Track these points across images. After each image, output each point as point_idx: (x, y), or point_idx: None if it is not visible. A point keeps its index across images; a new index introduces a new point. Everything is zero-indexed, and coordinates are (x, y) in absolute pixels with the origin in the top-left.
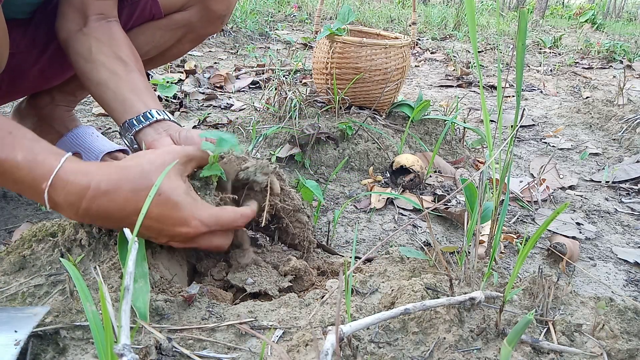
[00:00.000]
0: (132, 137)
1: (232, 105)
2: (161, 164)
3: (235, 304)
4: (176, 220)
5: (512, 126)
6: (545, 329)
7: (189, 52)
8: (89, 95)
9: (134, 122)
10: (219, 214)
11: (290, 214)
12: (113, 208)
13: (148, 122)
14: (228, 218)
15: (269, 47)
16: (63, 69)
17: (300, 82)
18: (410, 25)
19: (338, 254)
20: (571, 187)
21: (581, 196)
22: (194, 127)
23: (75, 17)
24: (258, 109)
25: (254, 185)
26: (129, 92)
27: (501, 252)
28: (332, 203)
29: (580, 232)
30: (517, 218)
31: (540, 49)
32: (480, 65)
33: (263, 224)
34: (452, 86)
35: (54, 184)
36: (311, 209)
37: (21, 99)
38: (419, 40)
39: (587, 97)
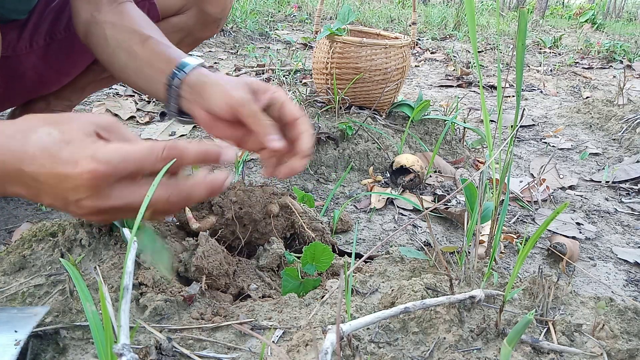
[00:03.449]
0: (179, 112)
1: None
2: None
3: (235, 304)
4: (67, 161)
5: (512, 126)
6: (545, 329)
7: (189, 53)
8: (87, 97)
9: (167, 104)
10: (124, 148)
11: (308, 226)
12: (9, 154)
13: (176, 89)
14: (141, 150)
15: (269, 47)
16: (61, 73)
17: (300, 82)
18: (410, 25)
19: (347, 253)
20: (571, 187)
21: (581, 196)
22: (194, 127)
23: (88, 9)
24: None
25: (273, 209)
26: (149, 68)
27: (501, 252)
28: (332, 203)
29: (580, 232)
30: (517, 218)
31: (540, 49)
32: (480, 65)
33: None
34: (452, 86)
35: None
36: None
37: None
38: (419, 40)
39: (587, 97)
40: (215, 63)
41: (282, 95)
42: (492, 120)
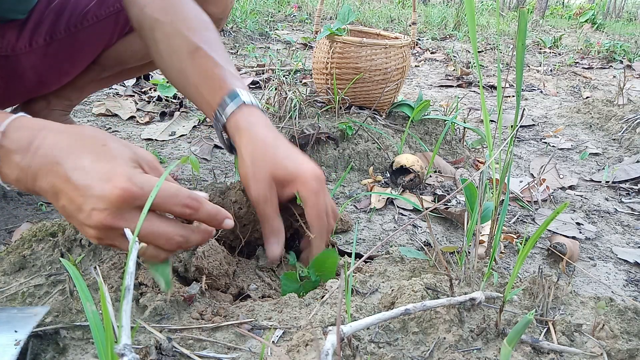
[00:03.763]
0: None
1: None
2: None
3: (235, 304)
4: (104, 173)
5: (512, 126)
6: (545, 329)
7: None
8: (87, 97)
9: (215, 123)
10: (159, 182)
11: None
12: (56, 149)
13: (223, 121)
14: (171, 188)
15: (269, 47)
16: (61, 73)
17: (300, 82)
18: (410, 25)
19: (347, 253)
20: (571, 187)
21: (581, 196)
22: (194, 127)
23: (136, 2)
24: None
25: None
26: (198, 89)
27: (501, 252)
28: None
29: (580, 232)
30: (517, 218)
31: (540, 49)
32: (480, 65)
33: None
34: (452, 86)
35: (7, 131)
36: None
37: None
38: (419, 40)
39: (587, 97)
40: None
41: (306, 194)
42: (492, 120)
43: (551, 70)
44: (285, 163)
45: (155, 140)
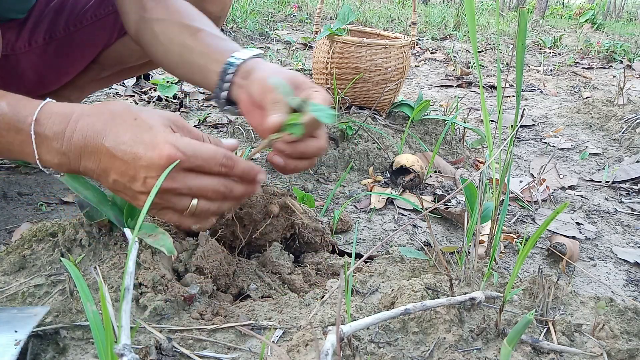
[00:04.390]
0: (227, 101)
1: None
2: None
3: (235, 304)
4: (148, 143)
5: (512, 126)
6: (545, 329)
7: None
8: (87, 97)
9: (217, 91)
10: (197, 144)
11: (309, 226)
12: (92, 131)
13: (230, 75)
14: (209, 150)
15: (269, 47)
16: (60, 72)
17: None
18: (410, 25)
19: (347, 253)
20: (571, 187)
21: (581, 196)
22: (194, 127)
23: (135, 9)
24: None
25: (273, 209)
26: (203, 58)
27: (501, 252)
28: (332, 203)
29: (580, 232)
30: (517, 218)
31: (540, 49)
32: (480, 65)
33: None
34: (452, 86)
35: (39, 118)
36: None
37: None
38: (419, 40)
39: (587, 97)
40: None
41: (320, 97)
42: (492, 120)
43: (551, 70)
44: (299, 75)
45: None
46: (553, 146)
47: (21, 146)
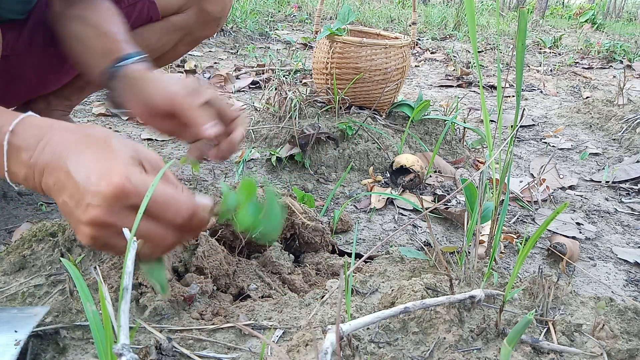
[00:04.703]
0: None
1: (232, 105)
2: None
3: (235, 304)
4: (104, 170)
5: (512, 126)
6: (545, 329)
7: (189, 52)
8: (87, 97)
9: (109, 73)
10: (160, 187)
11: (309, 226)
12: (61, 147)
13: (113, 81)
14: (172, 198)
15: (269, 47)
16: (60, 73)
17: (300, 82)
18: (410, 25)
19: (347, 253)
20: (571, 187)
21: (581, 196)
22: None
23: (60, 3)
24: (258, 109)
25: None
26: (94, 52)
27: (501, 252)
28: (332, 203)
29: (580, 232)
30: (517, 218)
31: (540, 49)
32: (480, 65)
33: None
34: (452, 86)
35: (16, 129)
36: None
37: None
38: (419, 40)
39: (587, 97)
40: (215, 63)
41: (219, 97)
42: (492, 120)
43: (551, 70)
44: (193, 79)
45: (155, 140)
46: (553, 146)
47: None
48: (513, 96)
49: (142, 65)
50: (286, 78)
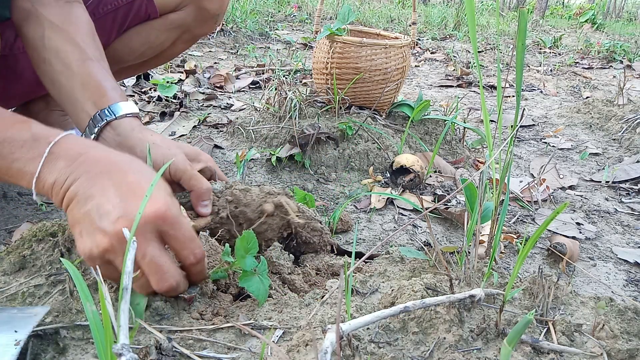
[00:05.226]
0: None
1: (232, 105)
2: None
3: (235, 304)
4: (147, 191)
5: (512, 126)
6: (545, 329)
7: (189, 52)
8: None
9: (87, 130)
10: (185, 219)
11: (307, 226)
12: (106, 161)
13: (99, 128)
14: (192, 233)
15: (269, 47)
16: None
17: (300, 82)
18: (410, 25)
19: (347, 253)
20: (571, 187)
21: (581, 196)
22: (194, 127)
23: None
24: (258, 109)
25: (267, 208)
26: (80, 92)
27: (501, 252)
28: (332, 203)
29: (580, 232)
30: (517, 218)
31: (540, 49)
32: (480, 65)
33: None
34: (452, 86)
35: (60, 141)
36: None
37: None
38: (419, 40)
39: (587, 97)
40: (216, 63)
41: (213, 165)
42: (492, 120)
43: (551, 70)
44: (186, 145)
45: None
46: (553, 146)
47: (25, 164)
48: (513, 96)
49: (135, 122)
50: (286, 78)
